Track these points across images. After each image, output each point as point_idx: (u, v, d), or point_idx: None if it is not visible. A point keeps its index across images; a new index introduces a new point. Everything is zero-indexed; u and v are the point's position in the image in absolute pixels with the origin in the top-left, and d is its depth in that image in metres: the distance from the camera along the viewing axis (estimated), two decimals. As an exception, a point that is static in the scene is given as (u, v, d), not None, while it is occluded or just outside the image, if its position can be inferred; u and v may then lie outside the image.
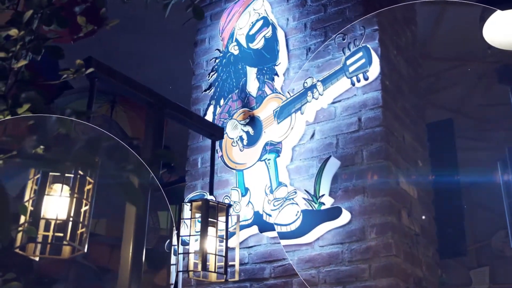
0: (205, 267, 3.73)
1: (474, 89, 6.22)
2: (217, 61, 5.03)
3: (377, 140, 4.09)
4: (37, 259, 3.05)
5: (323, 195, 4.11)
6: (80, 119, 2.29)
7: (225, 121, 4.76)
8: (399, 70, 4.56)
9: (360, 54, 4.27)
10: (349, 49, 4.34)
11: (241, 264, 4.25)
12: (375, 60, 4.23)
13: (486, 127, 6.15)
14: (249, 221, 4.39)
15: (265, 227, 4.31)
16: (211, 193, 4.16)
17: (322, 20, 4.62)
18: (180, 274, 4.16)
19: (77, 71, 2.82)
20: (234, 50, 4.93)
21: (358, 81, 4.23)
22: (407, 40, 4.86)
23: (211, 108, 4.89)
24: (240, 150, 4.61)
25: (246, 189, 4.49)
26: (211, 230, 3.85)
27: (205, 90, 5.02)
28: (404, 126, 4.43)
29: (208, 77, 5.04)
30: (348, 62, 4.30)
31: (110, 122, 5.86)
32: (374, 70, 4.21)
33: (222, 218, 3.95)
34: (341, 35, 4.42)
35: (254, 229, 4.36)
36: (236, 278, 4.05)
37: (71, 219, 2.97)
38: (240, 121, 4.67)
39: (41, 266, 5.25)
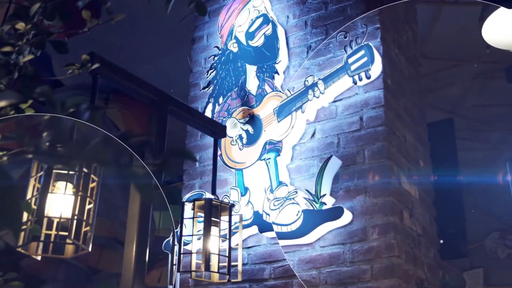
0: (208, 268, 3.68)
1: (471, 89, 6.20)
2: (215, 58, 4.97)
3: (379, 140, 4.05)
4: (39, 258, 3.00)
5: (324, 195, 4.06)
6: (96, 114, 2.23)
7: (224, 119, 4.69)
8: (401, 69, 4.53)
9: (362, 52, 4.23)
10: (351, 47, 4.29)
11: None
12: (377, 58, 4.18)
13: (483, 127, 6.13)
14: (249, 221, 4.33)
15: (265, 227, 4.26)
16: (213, 193, 4.10)
17: (323, 17, 4.57)
18: (178, 274, 4.11)
19: (83, 66, 2.77)
20: (233, 47, 4.87)
21: (360, 79, 4.18)
22: (408, 38, 4.82)
23: (209, 106, 4.83)
24: (240, 149, 4.56)
25: (246, 189, 4.43)
26: (213, 230, 3.79)
27: (204, 88, 4.95)
28: (406, 125, 4.39)
29: (207, 74, 4.98)
30: (350, 60, 4.25)
31: (104, 119, 5.80)
32: (376, 68, 4.17)
33: (224, 218, 3.90)
34: (342, 33, 4.38)
35: (254, 229, 4.31)
36: (239, 278, 4.00)
37: (75, 217, 2.92)
38: (239, 119, 4.62)
39: (29, 265, 5.20)
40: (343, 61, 4.29)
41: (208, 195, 4.34)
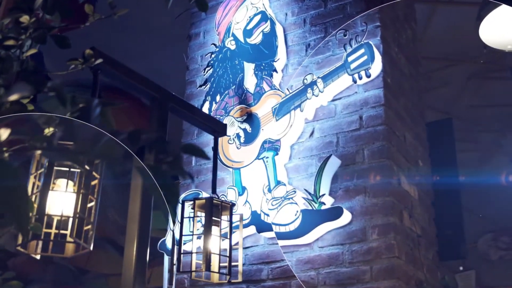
0: (209, 268, 3.62)
1: (465, 89, 6.18)
2: (213, 56, 4.90)
3: (379, 139, 4.02)
4: (38, 257, 2.95)
5: (323, 195, 4.01)
6: (109, 109, 2.19)
7: (221, 117, 4.62)
8: (400, 68, 4.49)
9: (362, 50, 4.18)
10: (351, 46, 4.24)
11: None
12: (377, 57, 4.14)
13: (477, 128, 6.11)
14: (247, 221, 4.26)
15: (263, 227, 4.20)
16: (213, 191, 4.03)
17: (322, 15, 4.52)
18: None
19: (86, 61, 2.73)
20: (230, 45, 4.80)
21: (360, 78, 4.14)
22: (407, 37, 4.79)
23: (206, 104, 4.75)
24: (237, 148, 4.49)
25: (243, 188, 4.37)
26: (214, 229, 3.74)
27: (200, 86, 4.88)
28: (405, 125, 4.36)
29: (204, 72, 4.90)
30: (350, 58, 4.21)
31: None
32: (376, 67, 4.13)
33: (224, 217, 3.84)
34: (342, 31, 4.33)
35: (252, 229, 4.24)
36: (240, 279, 3.94)
37: (77, 215, 2.86)
38: (237, 118, 4.55)
39: (16, 265, 5.13)
40: (343, 59, 4.24)
41: (205, 194, 4.29)
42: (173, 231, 4.08)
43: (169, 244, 4.40)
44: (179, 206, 3.91)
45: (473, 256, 6.64)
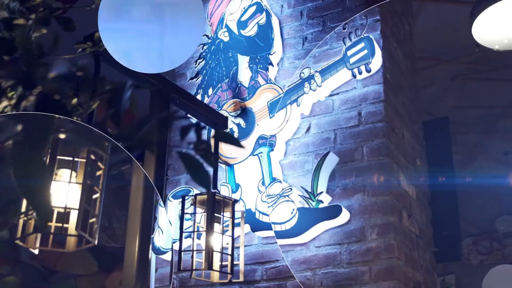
0: (211, 266, 3.47)
1: (449, 89, 6.13)
2: (205, 47, 4.74)
3: (379, 136, 3.91)
4: (36, 252, 2.80)
5: (321, 193, 3.89)
6: (138, 91, 2.08)
7: (213, 112, 4.48)
8: (399, 64, 4.39)
9: (362, 44, 4.07)
10: (350, 39, 4.13)
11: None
12: (378, 51, 4.04)
13: (461, 130, 6.05)
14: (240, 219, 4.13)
15: (257, 226, 4.06)
16: (214, 187, 3.87)
17: (320, 8, 4.39)
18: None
19: (95, 45, 2.63)
20: (224, 36, 4.65)
21: (360, 73, 4.03)
22: (405, 33, 4.70)
23: (198, 98, 4.59)
24: (231, 143, 4.35)
25: (237, 185, 4.23)
26: (215, 226, 3.59)
27: (192, 78, 4.72)
28: (403, 122, 4.27)
29: (195, 64, 4.75)
30: (349, 52, 4.09)
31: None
32: (376, 62, 4.02)
33: (226, 214, 3.70)
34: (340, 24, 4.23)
35: (246, 227, 4.10)
36: (241, 279, 3.80)
37: (82, 207, 2.70)
38: (230, 112, 4.41)
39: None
40: (342, 53, 4.13)
41: (196, 191, 4.14)
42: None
43: (157, 242, 4.24)
44: (176, 202, 3.79)
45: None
